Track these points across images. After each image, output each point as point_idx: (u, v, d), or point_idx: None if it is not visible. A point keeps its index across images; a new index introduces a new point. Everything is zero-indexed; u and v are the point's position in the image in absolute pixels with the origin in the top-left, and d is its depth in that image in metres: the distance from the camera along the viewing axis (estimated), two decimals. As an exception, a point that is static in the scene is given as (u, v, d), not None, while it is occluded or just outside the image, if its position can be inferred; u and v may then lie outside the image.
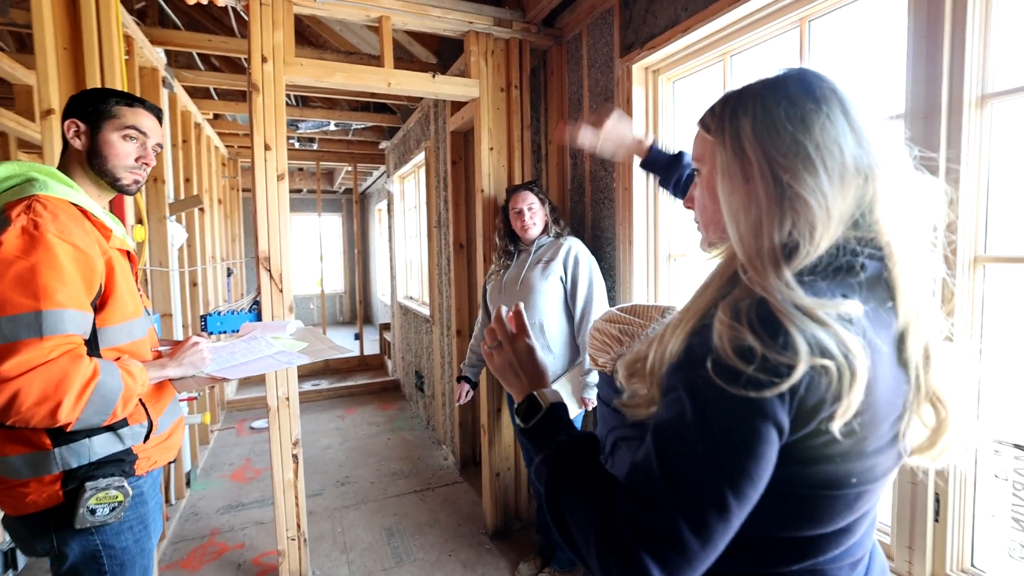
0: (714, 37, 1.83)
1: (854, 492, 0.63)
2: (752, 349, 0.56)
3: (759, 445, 0.56)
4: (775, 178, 0.62)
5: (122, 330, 1.19)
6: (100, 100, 1.24)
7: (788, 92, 0.64)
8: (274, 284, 2.24)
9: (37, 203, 1.07)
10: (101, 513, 1.13)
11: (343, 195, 10.53)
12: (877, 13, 1.44)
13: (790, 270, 0.59)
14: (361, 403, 5.27)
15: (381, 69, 2.42)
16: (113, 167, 1.24)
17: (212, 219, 4.60)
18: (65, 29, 1.98)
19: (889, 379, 0.62)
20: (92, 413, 1.06)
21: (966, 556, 1.31)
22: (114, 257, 1.19)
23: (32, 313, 1.00)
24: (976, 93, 1.20)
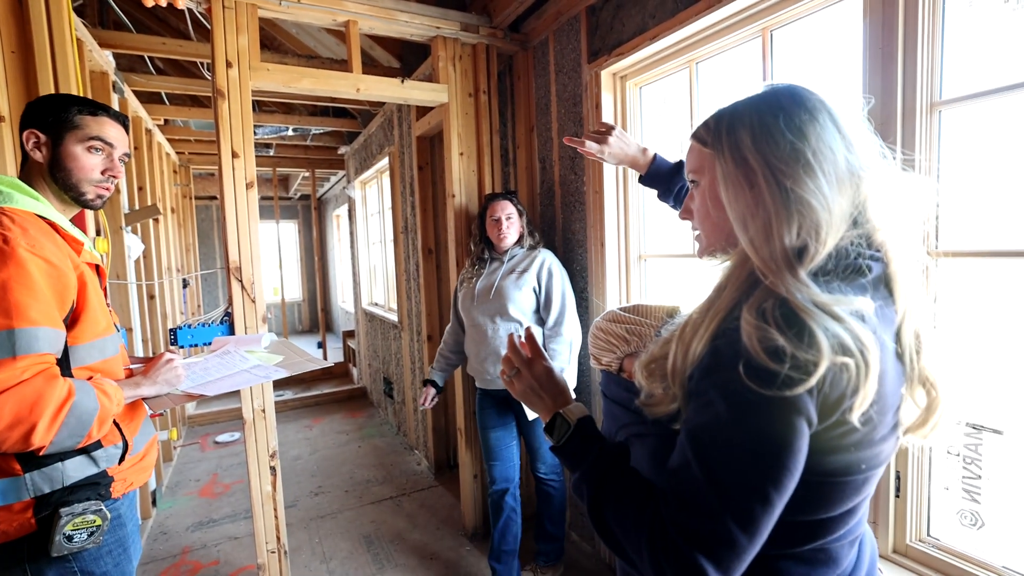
0: (681, 45, 1.91)
1: (862, 477, 0.68)
2: (783, 349, 0.59)
3: (796, 440, 0.61)
4: (779, 184, 0.66)
5: (94, 347, 1.15)
6: (61, 109, 1.17)
7: (782, 105, 0.70)
8: (246, 294, 2.19)
9: (4, 216, 1.03)
10: (79, 539, 1.08)
11: (299, 201, 10.29)
12: (835, 25, 1.53)
13: (803, 270, 0.64)
14: (328, 412, 5.18)
15: (350, 74, 2.40)
16: (77, 181, 1.18)
17: (166, 229, 4.43)
18: (12, 31, 1.88)
19: (893, 372, 0.67)
20: (67, 436, 1.02)
21: (923, 527, 1.42)
22: (85, 272, 1.14)
23: (4, 332, 0.95)
24: (927, 100, 1.29)
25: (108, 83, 2.96)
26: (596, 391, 2.44)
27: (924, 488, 1.40)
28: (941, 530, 1.40)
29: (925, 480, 1.40)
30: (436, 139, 3.44)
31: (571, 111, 2.44)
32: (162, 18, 4.56)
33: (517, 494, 2.34)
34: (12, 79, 1.88)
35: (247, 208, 2.20)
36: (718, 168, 0.73)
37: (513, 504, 2.31)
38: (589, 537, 2.61)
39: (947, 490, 1.39)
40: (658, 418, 0.74)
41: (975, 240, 1.30)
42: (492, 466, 2.34)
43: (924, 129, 1.30)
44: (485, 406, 2.35)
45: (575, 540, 2.69)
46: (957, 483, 1.36)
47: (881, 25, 1.32)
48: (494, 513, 2.32)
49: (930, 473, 1.40)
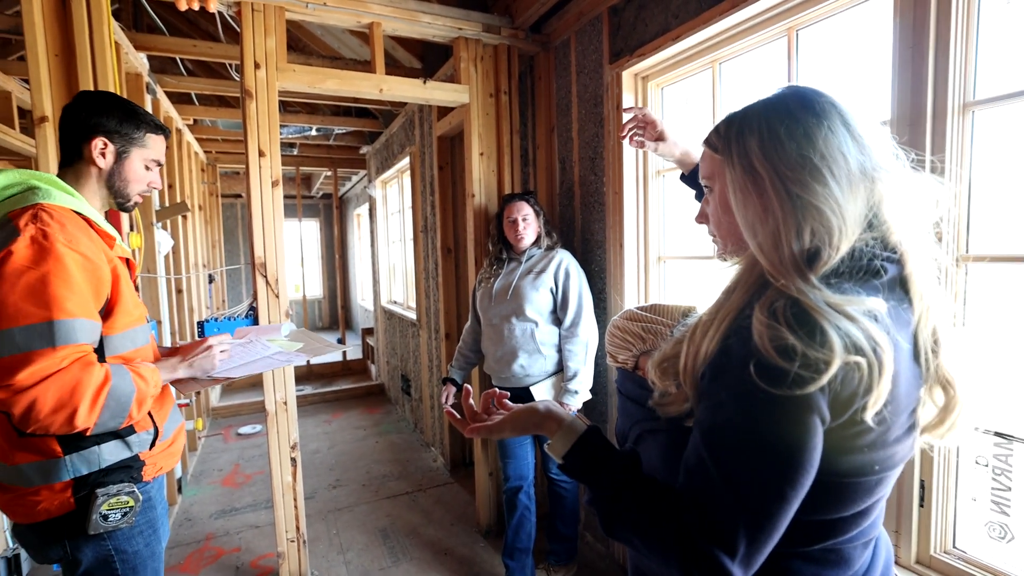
0: (704, 45, 1.90)
1: (875, 479, 0.68)
2: (793, 347, 0.60)
3: (810, 438, 0.61)
4: (788, 191, 0.66)
5: (126, 337, 1.20)
6: (134, 126, 1.26)
7: (789, 110, 0.69)
8: (270, 289, 2.24)
9: (43, 212, 1.08)
10: (114, 518, 1.14)
11: (321, 200, 10.43)
12: (863, 23, 1.51)
13: (814, 274, 0.64)
14: (346, 407, 5.25)
15: (373, 75, 2.44)
16: (130, 192, 1.29)
17: (194, 226, 4.54)
18: (56, 35, 1.96)
19: (909, 373, 0.67)
20: (109, 417, 1.08)
21: (949, 538, 1.38)
22: (118, 265, 1.20)
23: (44, 323, 1.01)
24: (959, 101, 1.27)
25: (142, 84, 3.04)
26: (613, 391, 2.44)
27: (950, 498, 1.37)
28: (968, 542, 1.36)
29: (951, 490, 1.37)
30: (456, 139, 3.47)
31: (592, 112, 2.44)
32: (193, 21, 4.67)
33: (531, 492, 2.35)
34: (56, 81, 1.96)
35: (272, 205, 2.25)
36: (727, 174, 0.73)
37: (527, 502, 2.32)
38: (603, 538, 2.61)
39: (975, 501, 1.35)
40: (671, 416, 0.75)
41: (1009, 244, 1.27)
42: (506, 464, 2.35)
43: (955, 130, 1.28)
44: (501, 404, 2.36)
45: (589, 541, 2.69)
46: (986, 494, 1.33)
47: (912, 23, 1.30)
48: (508, 510, 2.34)
49: (957, 483, 1.37)
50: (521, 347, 2.22)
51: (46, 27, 1.91)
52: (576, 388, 2.16)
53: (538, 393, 2.20)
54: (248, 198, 2.22)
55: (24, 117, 3.81)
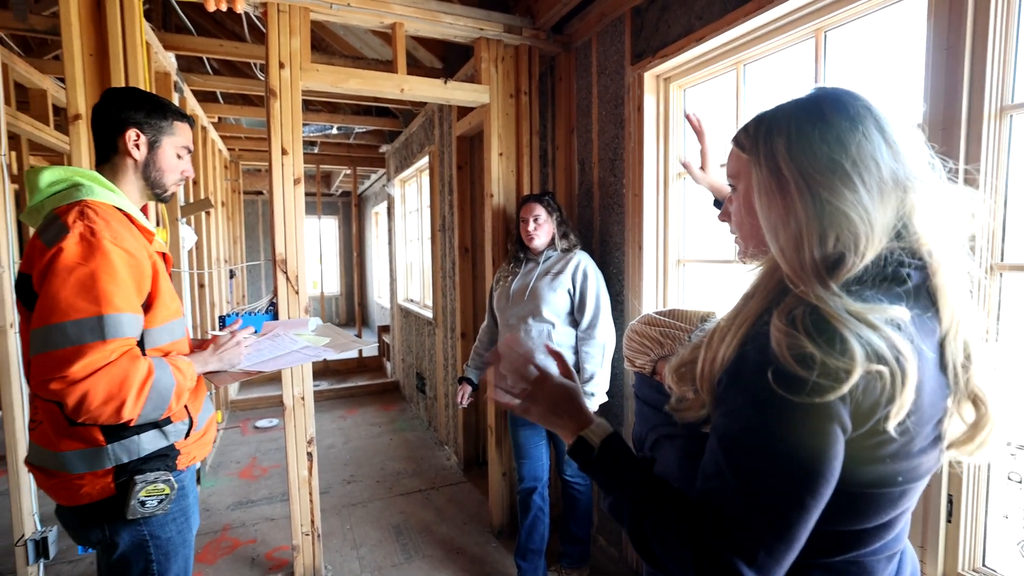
0: (729, 46, 1.88)
1: (899, 490, 0.66)
2: (812, 356, 0.58)
3: (829, 448, 0.60)
4: (813, 195, 0.65)
5: (164, 330, 1.25)
6: (161, 116, 1.30)
7: (823, 112, 0.67)
8: (290, 286, 2.26)
9: (88, 209, 1.13)
10: (151, 505, 1.19)
11: (340, 198, 10.54)
12: (895, 24, 1.48)
13: (835, 281, 0.63)
14: (362, 404, 5.29)
15: (395, 75, 2.45)
16: (166, 180, 1.33)
17: (216, 222, 4.61)
18: (91, 36, 2.01)
19: (934, 383, 0.65)
20: (151, 409, 1.13)
21: (978, 556, 1.33)
22: (157, 260, 1.24)
23: (95, 317, 1.05)
24: (996, 105, 1.23)
25: (170, 83, 3.10)
26: (629, 394, 2.43)
27: (980, 515, 1.32)
28: (998, 561, 1.32)
29: (981, 506, 1.32)
30: (476, 139, 3.48)
31: (612, 113, 2.43)
32: (219, 21, 4.75)
33: (545, 494, 2.34)
34: (90, 80, 2.01)
35: (294, 203, 2.27)
36: (753, 175, 0.71)
37: (541, 503, 2.32)
38: (616, 541, 2.59)
39: (1007, 519, 1.32)
40: (688, 422, 0.74)
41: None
42: (521, 464, 2.35)
43: (992, 134, 1.24)
44: (517, 405, 2.37)
45: (602, 544, 2.68)
46: (1018, 512, 1.29)
47: (947, 24, 1.26)
48: (522, 511, 2.33)
49: (987, 499, 1.32)
50: (538, 348, 2.21)
51: (82, 27, 1.97)
52: (592, 390, 2.16)
53: (554, 394, 2.19)
54: (270, 195, 2.25)
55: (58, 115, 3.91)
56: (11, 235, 2.00)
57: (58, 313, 1.04)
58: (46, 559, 1.99)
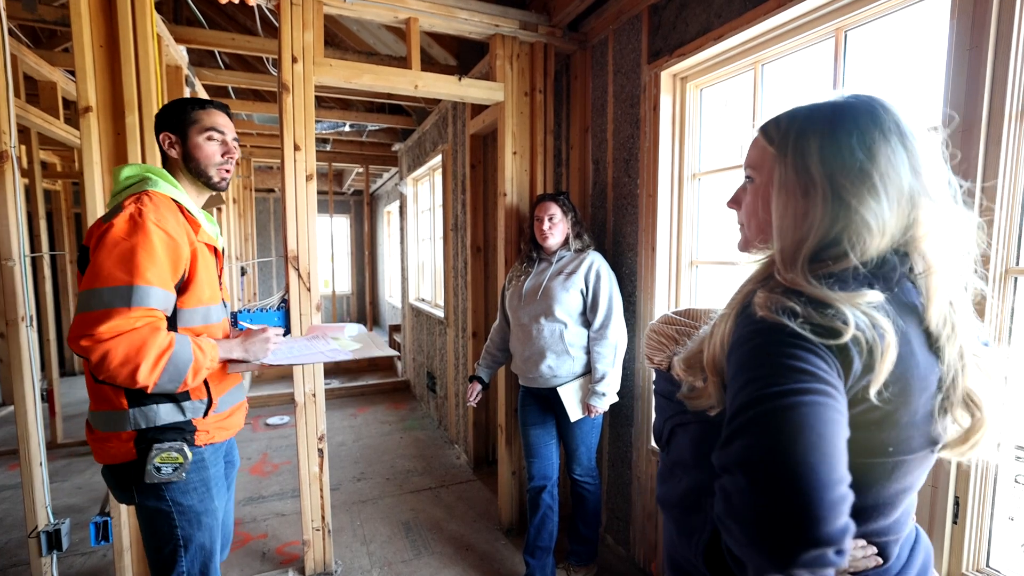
0: (747, 45, 1.85)
1: (892, 461, 0.68)
2: (793, 309, 0.63)
3: (815, 373, 0.59)
4: (837, 199, 0.67)
5: (197, 313, 1.36)
6: (181, 111, 1.42)
7: (858, 121, 0.69)
8: (302, 282, 2.26)
9: (146, 196, 1.29)
10: (165, 471, 1.30)
11: (352, 196, 10.56)
12: (916, 24, 1.46)
13: (820, 270, 0.67)
14: (372, 402, 5.30)
15: (409, 71, 2.44)
16: (205, 167, 1.43)
17: (228, 218, 4.63)
18: (101, 27, 2.00)
19: (919, 358, 0.67)
20: (167, 380, 1.23)
21: (982, 557, 1.35)
22: (199, 249, 1.36)
23: (126, 286, 1.18)
24: (1018, 106, 1.21)
25: (181, 77, 3.10)
26: (639, 395, 2.41)
27: (985, 516, 1.33)
28: (1002, 562, 1.33)
29: (987, 508, 1.33)
30: (489, 138, 3.47)
31: (628, 112, 2.41)
32: (231, 15, 4.77)
33: (555, 492, 2.33)
34: (100, 71, 1.99)
35: (306, 200, 2.27)
36: (777, 171, 0.73)
37: (550, 502, 2.31)
38: (624, 541, 2.57)
39: (1012, 520, 1.34)
40: (699, 409, 0.77)
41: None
42: (531, 463, 2.34)
43: (1012, 137, 1.22)
44: (527, 404, 2.36)
45: (610, 544, 2.66)
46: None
47: (971, 24, 1.24)
48: (531, 509, 2.33)
49: (993, 501, 1.33)
50: (549, 347, 2.20)
51: (92, 18, 1.95)
52: (604, 390, 2.14)
53: (565, 394, 2.18)
54: (282, 191, 2.25)
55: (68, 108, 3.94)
56: (22, 229, 2.01)
57: (100, 279, 1.17)
58: (59, 551, 2.01)
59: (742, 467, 0.57)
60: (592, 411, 2.16)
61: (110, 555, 2.54)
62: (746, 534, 0.56)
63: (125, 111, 2.00)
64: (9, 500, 3.16)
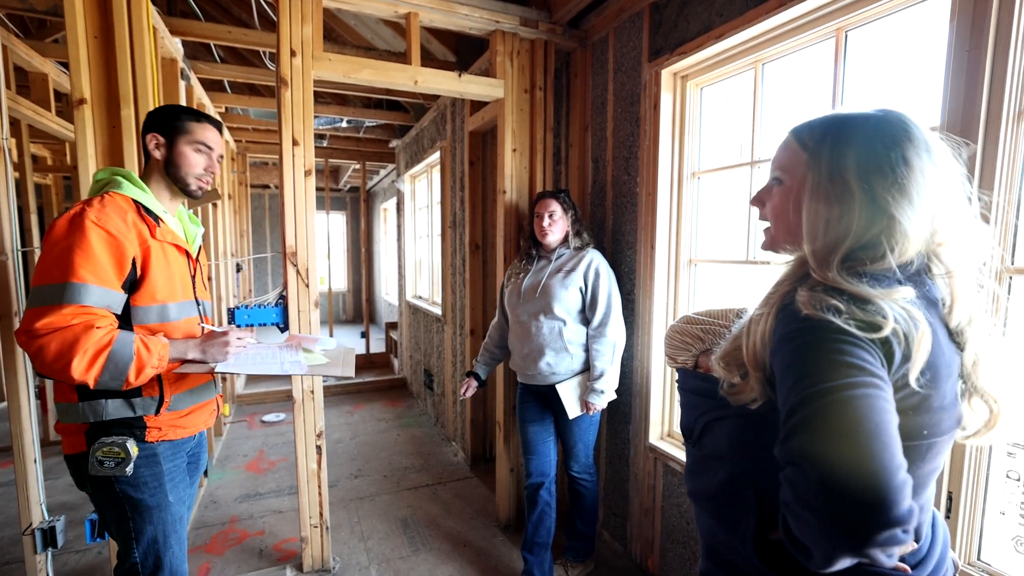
0: (748, 44, 1.85)
1: (926, 443, 0.73)
2: (837, 307, 0.67)
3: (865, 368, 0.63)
4: (879, 207, 0.72)
5: (151, 311, 1.35)
6: (175, 117, 1.44)
7: (896, 138, 0.73)
8: (300, 279, 2.26)
9: (98, 198, 1.30)
10: (108, 465, 1.30)
11: (348, 193, 10.52)
12: (916, 26, 1.46)
13: (857, 268, 0.72)
14: (369, 400, 5.29)
15: (408, 66, 2.43)
16: (185, 175, 1.44)
17: (223, 214, 4.60)
18: (95, 17, 1.96)
19: (944, 347, 0.73)
20: (109, 378, 1.23)
21: (974, 551, 1.37)
22: (155, 247, 1.36)
23: (59, 284, 1.19)
24: (1016, 108, 1.22)
25: (176, 70, 3.07)
26: (637, 392, 2.41)
27: (977, 511, 1.36)
28: (993, 555, 1.37)
29: (979, 503, 1.36)
30: (488, 135, 3.46)
31: (628, 111, 2.41)
32: (225, 7, 4.72)
33: (552, 489, 2.34)
34: (94, 63, 1.97)
35: (304, 195, 2.26)
36: (810, 177, 0.76)
37: (548, 498, 2.31)
38: (620, 537, 2.58)
39: (1003, 515, 1.37)
40: (742, 403, 0.80)
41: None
42: (529, 460, 2.35)
43: (1009, 138, 1.23)
44: (525, 401, 2.36)
45: (607, 539, 2.67)
46: (1015, 508, 1.34)
47: (970, 26, 1.25)
48: (529, 505, 2.33)
49: (985, 496, 1.36)
50: (548, 345, 2.21)
51: (86, 8, 1.92)
52: (602, 388, 2.14)
53: (563, 391, 2.19)
54: (281, 187, 2.23)
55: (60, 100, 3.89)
56: (14, 222, 1.99)
57: (40, 277, 1.21)
58: (54, 548, 2.00)
59: (808, 459, 0.61)
60: (590, 408, 2.17)
61: (105, 552, 2.53)
62: (821, 522, 0.59)
63: (120, 104, 1.98)
64: (2, 497, 3.14)
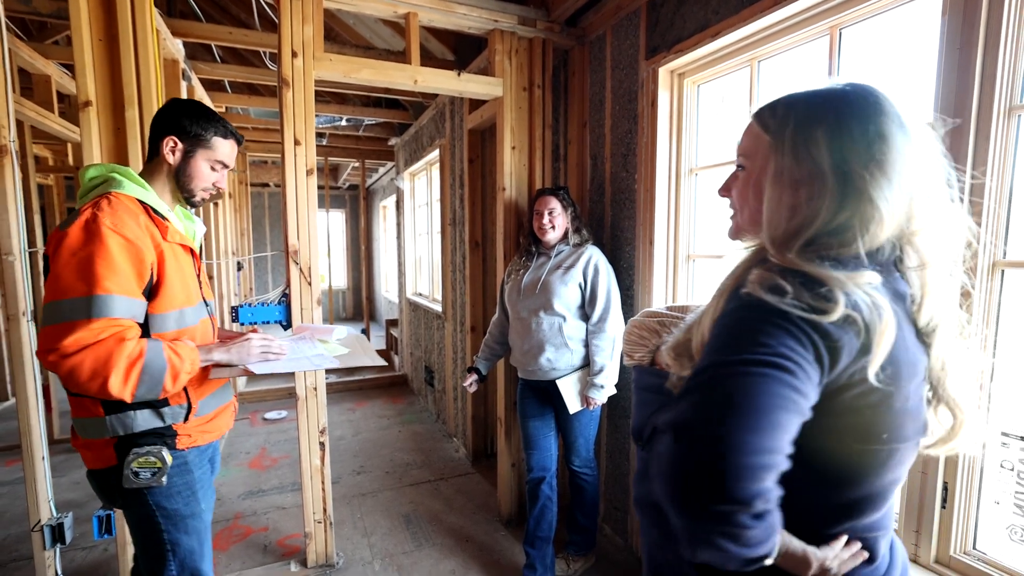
0: (744, 42, 1.88)
1: (886, 449, 0.67)
2: (783, 287, 0.62)
3: (768, 355, 0.59)
4: (855, 189, 0.66)
5: (170, 317, 1.30)
6: (202, 127, 1.37)
7: (868, 112, 0.67)
8: (303, 277, 2.28)
9: (104, 199, 1.23)
10: (144, 476, 1.27)
11: (347, 191, 10.54)
12: (909, 23, 1.49)
13: (816, 253, 0.67)
14: (370, 397, 5.32)
15: (408, 66, 2.45)
16: (194, 187, 1.40)
17: (224, 213, 4.63)
18: (100, 20, 1.98)
19: (909, 344, 0.68)
20: (146, 390, 1.20)
21: (969, 539, 1.40)
22: (168, 250, 1.30)
23: (84, 298, 1.13)
24: (1006, 103, 1.25)
25: (178, 70, 3.10)
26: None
27: (972, 500, 1.38)
28: (988, 544, 1.39)
29: (974, 493, 1.38)
30: (487, 132, 3.48)
31: (626, 108, 2.43)
32: (224, 7, 4.74)
33: (554, 483, 2.37)
34: (99, 66, 1.99)
35: (307, 194, 2.28)
36: (773, 160, 0.71)
37: (549, 493, 2.34)
38: (621, 530, 2.61)
39: (997, 504, 1.38)
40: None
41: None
42: (530, 455, 2.38)
43: (1000, 133, 1.26)
44: (526, 396, 2.39)
45: (608, 533, 2.70)
46: (1009, 497, 1.35)
47: (961, 23, 1.27)
48: (531, 500, 2.36)
49: (980, 486, 1.38)
50: (548, 341, 2.23)
51: (91, 12, 1.94)
52: (602, 383, 2.17)
53: (564, 387, 2.21)
54: (283, 186, 2.26)
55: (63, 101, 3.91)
56: (21, 223, 2.01)
57: (59, 291, 1.13)
58: (62, 544, 2.02)
59: (674, 428, 0.59)
60: (590, 403, 2.19)
61: (111, 549, 2.55)
62: (664, 489, 0.58)
63: (125, 106, 2.00)
64: (7, 496, 3.17)
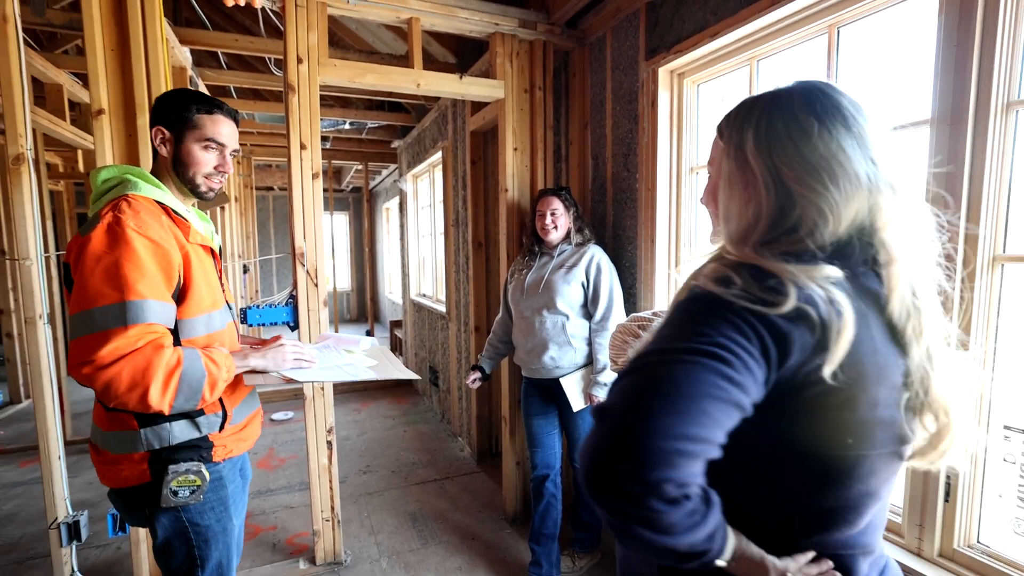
0: (743, 42, 1.90)
1: (853, 456, 0.64)
2: (730, 279, 0.62)
3: (705, 344, 0.58)
4: (784, 187, 0.67)
5: (199, 322, 1.25)
6: (183, 108, 1.28)
7: (792, 108, 0.68)
8: (310, 279, 2.31)
9: (124, 202, 1.17)
10: (183, 495, 1.22)
11: (351, 193, 10.60)
12: (907, 20, 1.50)
13: (775, 249, 0.66)
14: (375, 397, 5.36)
15: (411, 70, 2.49)
16: (193, 175, 1.30)
17: (230, 216, 4.67)
18: (112, 30, 2.03)
19: (878, 346, 0.64)
20: (184, 401, 1.14)
21: (973, 533, 1.40)
22: (192, 251, 1.25)
23: (117, 304, 1.07)
24: (1003, 99, 1.26)
25: (186, 78, 3.15)
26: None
27: (976, 494, 1.39)
28: (992, 537, 1.39)
29: (978, 486, 1.39)
30: (490, 134, 3.51)
31: (626, 108, 2.46)
32: (229, 15, 4.79)
33: (558, 481, 2.39)
34: (111, 75, 2.03)
35: (312, 197, 2.32)
36: (725, 165, 0.73)
37: (554, 490, 2.37)
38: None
39: (1000, 497, 1.38)
40: None
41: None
42: (534, 452, 2.40)
43: (997, 129, 1.27)
44: (530, 394, 2.42)
45: (615, 532, 2.72)
46: (1012, 491, 1.35)
47: (958, 20, 1.29)
48: (535, 498, 2.38)
49: (983, 480, 1.39)
50: (552, 339, 2.26)
51: (103, 22, 1.99)
52: (605, 380, 2.19)
53: (567, 384, 2.24)
54: (289, 189, 2.29)
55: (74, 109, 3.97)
56: (38, 228, 2.05)
57: (88, 300, 1.07)
58: (78, 542, 2.06)
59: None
60: (594, 401, 2.22)
61: (124, 547, 2.59)
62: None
63: (137, 113, 2.04)
64: (23, 496, 3.22)
